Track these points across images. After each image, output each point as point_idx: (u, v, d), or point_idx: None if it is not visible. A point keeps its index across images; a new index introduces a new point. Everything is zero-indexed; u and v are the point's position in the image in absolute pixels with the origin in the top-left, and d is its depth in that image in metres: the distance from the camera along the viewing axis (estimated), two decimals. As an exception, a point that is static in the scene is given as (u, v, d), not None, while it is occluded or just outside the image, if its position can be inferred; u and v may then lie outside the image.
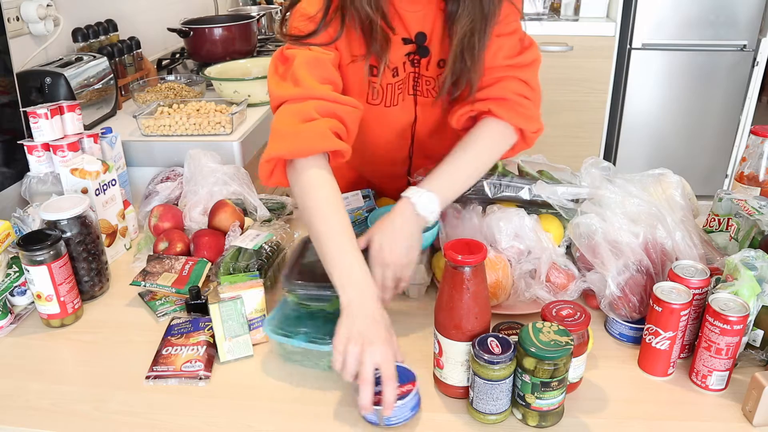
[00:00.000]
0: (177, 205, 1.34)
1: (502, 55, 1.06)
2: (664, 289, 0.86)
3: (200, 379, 0.91)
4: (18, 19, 1.63)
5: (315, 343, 0.89)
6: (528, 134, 1.07)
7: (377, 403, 0.79)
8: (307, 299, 0.94)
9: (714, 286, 0.88)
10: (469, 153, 1.02)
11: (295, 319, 0.94)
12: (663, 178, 1.07)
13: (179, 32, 2.17)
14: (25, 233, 1.05)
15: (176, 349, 0.94)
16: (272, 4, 3.18)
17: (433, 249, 1.16)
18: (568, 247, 1.08)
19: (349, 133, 0.99)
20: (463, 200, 1.09)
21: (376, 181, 1.35)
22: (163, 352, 0.94)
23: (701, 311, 0.86)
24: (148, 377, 0.91)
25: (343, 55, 1.04)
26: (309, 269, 0.96)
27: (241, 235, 1.15)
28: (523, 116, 1.05)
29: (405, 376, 0.83)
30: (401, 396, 0.80)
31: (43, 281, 1.00)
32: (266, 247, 1.13)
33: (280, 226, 1.23)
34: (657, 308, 0.85)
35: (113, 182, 1.22)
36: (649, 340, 0.87)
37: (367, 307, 0.84)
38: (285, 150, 0.94)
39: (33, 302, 1.04)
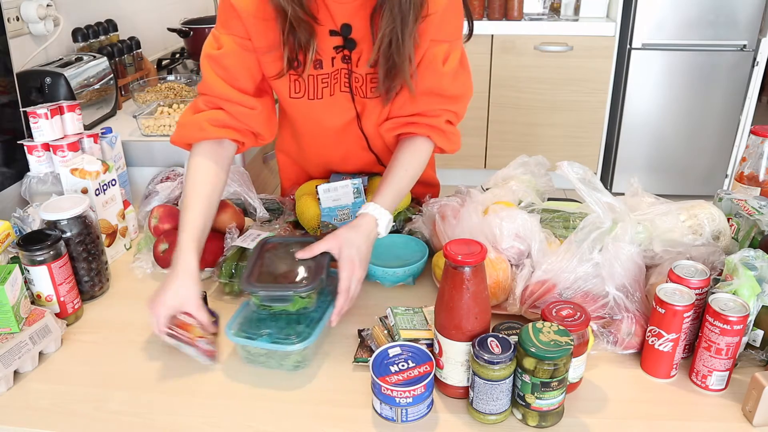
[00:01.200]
0: (177, 205, 1.34)
1: (434, 75, 1.10)
2: (667, 290, 0.86)
3: (210, 360, 0.93)
4: (18, 19, 1.63)
5: (278, 344, 0.89)
6: (447, 152, 1.20)
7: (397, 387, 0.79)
8: (268, 300, 0.93)
9: (713, 286, 0.88)
10: (410, 173, 1.12)
11: (257, 321, 0.94)
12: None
13: (179, 32, 2.17)
14: (25, 233, 1.05)
15: (190, 319, 0.94)
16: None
17: (432, 249, 1.17)
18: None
19: (240, 123, 1.10)
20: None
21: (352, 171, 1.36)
22: (179, 316, 0.94)
23: (701, 311, 0.86)
24: (165, 333, 0.91)
25: (258, 45, 1.07)
26: (269, 271, 0.96)
27: (240, 235, 1.14)
28: (451, 142, 1.17)
29: (422, 357, 0.84)
30: (419, 378, 0.81)
31: (43, 281, 1.00)
32: None
33: (279, 226, 1.22)
34: (660, 310, 0.85)
35: (113, 182, 1.22)
36: (652, 342, 0.87)
37: (175, 282, 0.95)
38: (176, 138, 1.12)
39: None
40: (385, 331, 0.95)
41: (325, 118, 1.18)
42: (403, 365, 0.83)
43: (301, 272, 0.95)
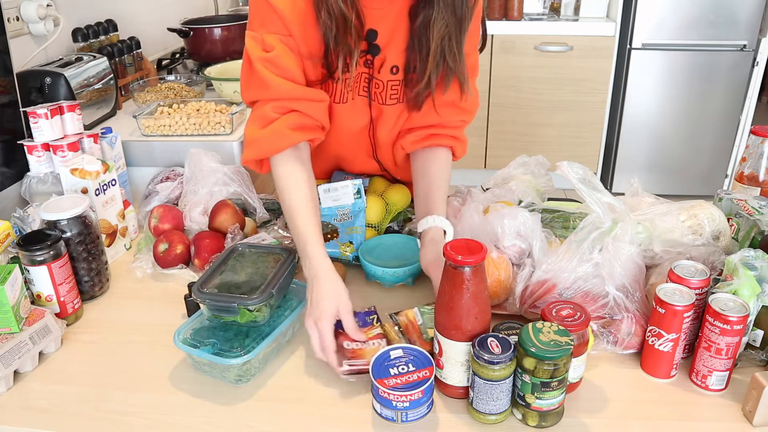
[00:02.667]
0: (177, 205, 1.34)
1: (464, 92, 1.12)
2: (667, 290, 0.86)
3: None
4: (18, 19, 1.63)
5: (220, 356, 0.87)
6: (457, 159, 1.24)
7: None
8: (215, 310, 0.91)
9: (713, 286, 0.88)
10: (447, 184, 1.17)
11: (207, 329, 0.92)
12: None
13: (179, 32, 2.17)
14: (25, 233, 1.05)
15: (356, 344, 0.90)
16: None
17: None
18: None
19: (314, 120, 1.08)
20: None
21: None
22: (345, 345, 0.90)
23: (701, 311, 0.86)
24: (345, 373, 0.86)
25: (300, 48, 1.05)
26: (227, 279, 0.94)
27: (244, 239, 1.13)
28: (465, 150, 1.24)
29: (423, 362, 0.84)
30: (417, 383, 0.81)
31: (43, 281, 1.00)
32: None
33: (278, 226, 1.22)
34: (660, 310, 0.85)
35: (113, 182, 1.22)
36: (652, 342, 0.87)
37: (315, 284, 0.94)
38: (254, 155, 1.08)
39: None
40: (396, 327, 0.95)
41: (343, 121, 1.17)
42: (403, 368, 0.83)
43: (256, 284, 0.93)
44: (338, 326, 0.94)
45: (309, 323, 0.91)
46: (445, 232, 1.06)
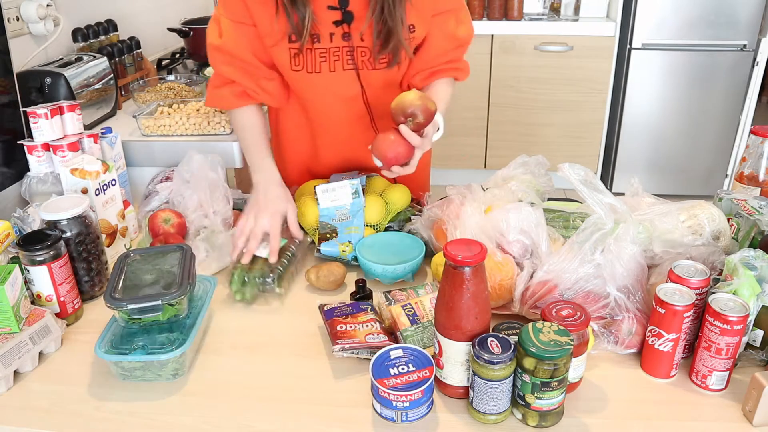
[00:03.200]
0: (168, 203, 1.34)
1: (450, 39, 1.25)
2: (667, 290, 0.86)
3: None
4: (18, 19, 1.63)
5: (154, 354, 0.89)
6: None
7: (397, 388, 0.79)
8: (138, 313, 0.91)
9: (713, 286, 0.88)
10: (444, 96, 1.26)
11: (128, 336, 0.93)
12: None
13: (179, 32, 2.17)
14: (25, 233, 1.05)
15: (350, 326, 0.94)
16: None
17: (429, 250, 1.17)
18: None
19: (258, 92, 1.25)
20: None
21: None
22: (338, 328, 0.94)
23: (701, 311, 0.86)
24: (336, 350, 0.91)
25: (261, 22, 1.17)
26: (133, 284, 0.95)
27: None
28: (467, 72, 1.33)
29: (423, 362, 0.84)
30: (417, 383, 0.81)
31: (43, 281, 1.00)
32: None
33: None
34: (660, 310, 0.85)
35: (113, 182, 1.22)
36: (652, 342, 0.87)
37: (269, 188, 1.18)
38: (211, 104, 1.32)
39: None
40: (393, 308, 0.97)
41: (327, 92, 1.24)
42: (403, 368, 0.83)
43: (168, 280, 0.95)
44: (331, 314, 0.97)
45: (245, 217, 1.10)
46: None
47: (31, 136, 1.28)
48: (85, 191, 1.17)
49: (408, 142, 1.07)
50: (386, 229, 1.24)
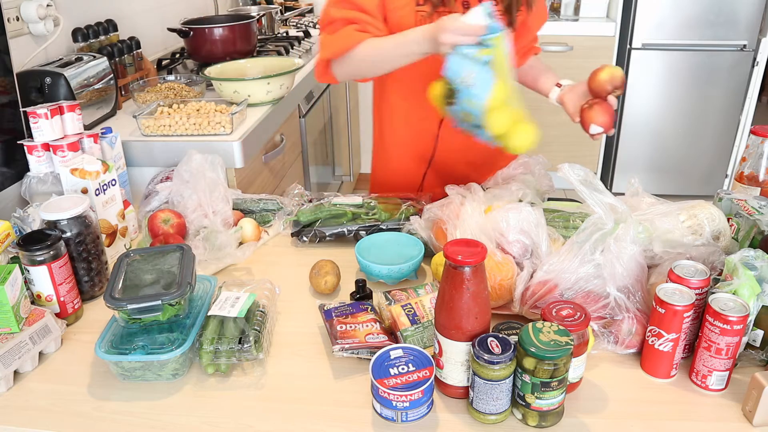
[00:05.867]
0: (167, 203, 1.34)
1: (535, 28, 1.41)
2: (667, 290, 0.86)
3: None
4: (18, 19, 1.63)
5: (155, 354, 0.89)
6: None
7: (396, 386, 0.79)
8: (137, 313, 0.91)
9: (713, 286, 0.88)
10: (547, 70, 1.46)
11: (128, 336, 0.93)
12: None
13: (179, 32, 2.17)
14: (25, 233, 1.05)
15: (350, 326, 0.94)
16: (272, 4, 3.18)
17: (428, 250, 1.17)
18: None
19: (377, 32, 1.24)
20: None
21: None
22: (338, 328, 0.94)
23: (701, 311, 0.86)
24: (336, 350, 0.91)
25: None
26: (133, 284, 0.95)
27: (215, 301, 0.98)
28: (539, 47, 1.50)
29: (423, 362, 0.84)
30: (417, 383, 0.81)
31: (43, 281, 1.00)
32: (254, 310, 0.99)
33: (258, 283, 1.05)
34: (660, 310, 0.85)
35: (113, 182, 1.22)
36: (652, 342, 0.87)
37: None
38: (327, 54, 1.26)
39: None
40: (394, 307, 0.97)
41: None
42: (403, 368, 0.83)
43: (168, 280, 0.95)
44: (330, 314, 0.97)
45: (446, 36, 1.04)
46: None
47: (31, 136, 1.28)
48: (85, 191, 1.17)
49: (612, 108, 1.21)
50: (378, 228, 1.24)
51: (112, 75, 1.74)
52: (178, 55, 2.38)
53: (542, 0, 1.38)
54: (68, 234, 1.05)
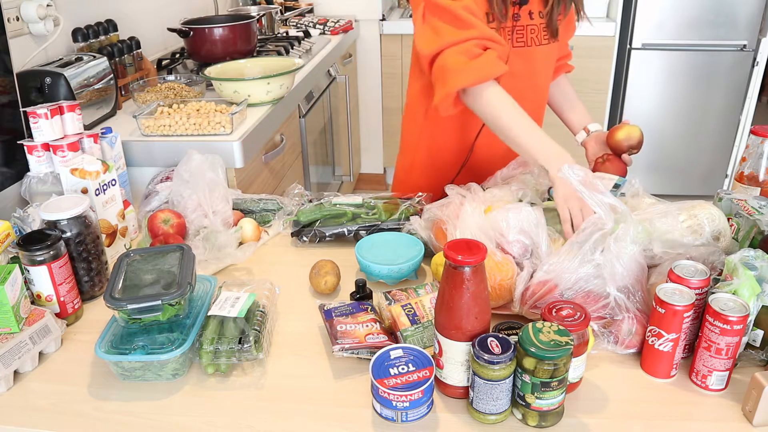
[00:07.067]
0: (167, 203, 1.34)
1: (567, 36, 1.40)
2: (666, 290, 0.86)
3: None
4: (18, 19, 1.63)
5: (155, 354, 0.89)
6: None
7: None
8: (137, 313, 0.91)
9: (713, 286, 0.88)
10: (579, 102, 1.48)
11: (128, 336, 0.93)
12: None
13: (179, 32, 2.17)
14: (25, 233, 1.05)
15: (350, 326, 0.94)
16: (272, 4, 3.18)
17: (428, 250, 1.17)
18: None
19: (504, 59, 1.22)
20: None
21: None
22: (338, 328, 0.94)
23: (701, 311, 0.86)
24: (336, 350, 0.91)
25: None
26: (133, 284, 0.95)
27: (215, 301, 0.98)
28: (571, 65, 1.50)
29: (423, 362, 0.84)
30: (417, 383, 0.81)
31: (43, 281, 1.00)
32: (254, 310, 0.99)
33: (258, 283, 1.05)
34: (660, 310, 0.85)
35: (113, 182, 1.22)
36: (652, 342, 0.87)
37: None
38: (465, 81, 1.15)
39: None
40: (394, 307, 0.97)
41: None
42: (403, 368, 0.83)
43: (168, 280, 0.95)
44: (330, 314, 0.97)
45: (561, 204, 1.03)
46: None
47: (31, 136, 1.28)
48: (85, 191, 1.17)
49: (625, 166, 1.27)
50: (378, 228, 1.24)
51: (112, 75, 1.74)
52: (178, 55, 2.38)
53: (571, 8, 1.37)
54: (68, 234, 1.05)
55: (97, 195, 1.18)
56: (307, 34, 2.87)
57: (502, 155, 1.33)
